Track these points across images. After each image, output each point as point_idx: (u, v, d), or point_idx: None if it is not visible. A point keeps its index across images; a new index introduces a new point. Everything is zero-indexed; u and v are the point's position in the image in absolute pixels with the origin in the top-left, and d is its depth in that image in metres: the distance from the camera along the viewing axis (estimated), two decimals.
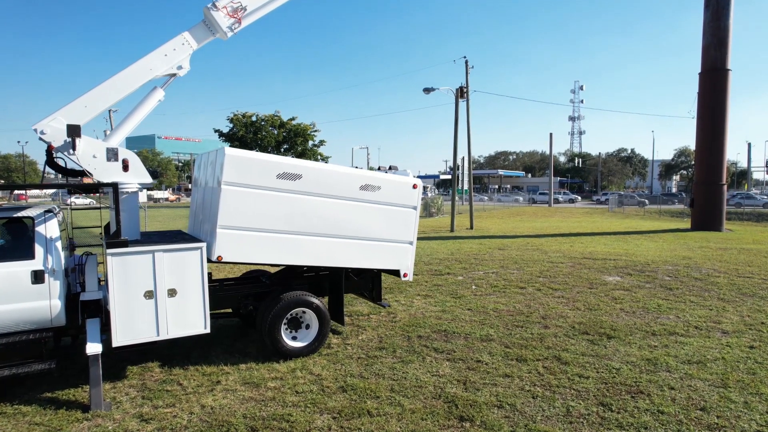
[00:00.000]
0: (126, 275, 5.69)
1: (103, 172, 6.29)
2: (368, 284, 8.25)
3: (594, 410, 5.28)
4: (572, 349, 7.09)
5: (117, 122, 7.63)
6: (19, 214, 5.69)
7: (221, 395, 5.68)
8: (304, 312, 6.92)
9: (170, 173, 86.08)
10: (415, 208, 7.59)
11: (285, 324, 6.80)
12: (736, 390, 5.73)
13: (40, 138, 6.08)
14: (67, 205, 6.07)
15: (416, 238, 7.74)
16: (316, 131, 53.69)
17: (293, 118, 53.11)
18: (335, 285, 7.61)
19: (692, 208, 26.77)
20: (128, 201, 6.45)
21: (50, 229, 5.72)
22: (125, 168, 6.40)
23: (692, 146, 47.78)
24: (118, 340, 5.67)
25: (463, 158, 28.37)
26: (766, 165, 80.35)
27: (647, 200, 55.50)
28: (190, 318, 6.07)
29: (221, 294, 7.00)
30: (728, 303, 9.68)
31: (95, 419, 5.13)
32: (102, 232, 7.37)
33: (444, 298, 10.20)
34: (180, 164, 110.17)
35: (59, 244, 5.77)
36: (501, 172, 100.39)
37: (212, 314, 6.45)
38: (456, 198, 27.08)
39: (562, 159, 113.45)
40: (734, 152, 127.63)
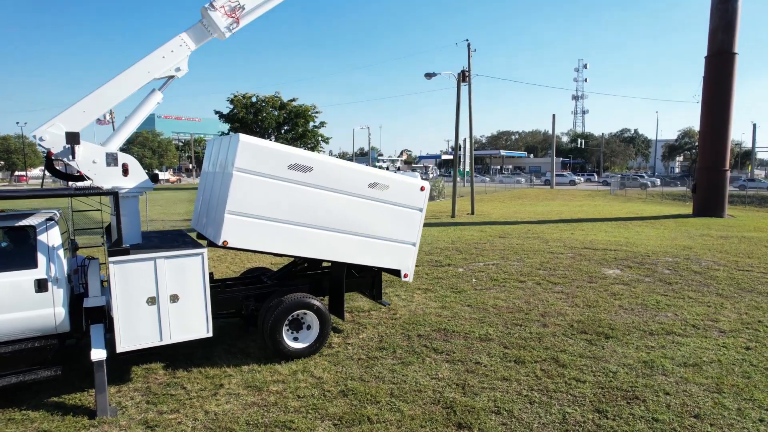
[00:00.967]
0: (128, 282, 5.75)
1: (103, 178, 6.30)
2: (369, 282, 8.33)
3: (590, 417, 5.38)
4: (570, 350, 7.18)
5: (114, 121, 7.55)
6: (21, 223, 5.71)
7: (224, 399, 5.80)
8: (305, 313, 7.00)
9: (170, 153, 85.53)
10: (421, 210, 7.60)
11: (286, 326, 6.89)
12: (731, 395, 5.82)
13: (40, 144, 6.07)
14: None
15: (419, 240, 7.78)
16: (317, 112, 53.37)
17: (293, 99, 52.73)
18: (336, 280, 7.66)
19: (694, 194, 26.71)
20: (129, 205, 6.48)
21: (52, 238, 5.76)
22: (125, 173, 6.42)
23: (696, 127, 47.35)
24: (122, 346, 5.76)
25: (465, 140, 28.17)
26: None
27: (658, 180, 55.60)
28: (193, 322, 6.16)
29: (223, 297, 7.06)
30: (726, 299, 9.75)
31: (102, 426, 5.25)
32: (104, 234, 7.41)
33: (444, 293, 10.28)
34: (180, 144, 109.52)
35: (61, 252, 5.82)
36: (503, 153, 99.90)
37: (214, 315, 6.52)
38: (458, 179, 26.95)
39: (565, 139, 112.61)
40: (739, 132, 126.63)
